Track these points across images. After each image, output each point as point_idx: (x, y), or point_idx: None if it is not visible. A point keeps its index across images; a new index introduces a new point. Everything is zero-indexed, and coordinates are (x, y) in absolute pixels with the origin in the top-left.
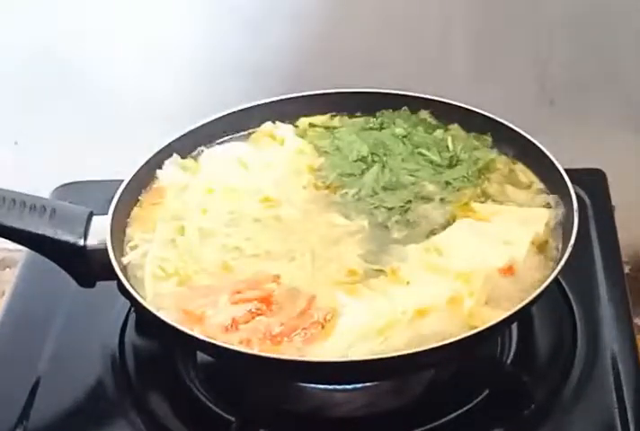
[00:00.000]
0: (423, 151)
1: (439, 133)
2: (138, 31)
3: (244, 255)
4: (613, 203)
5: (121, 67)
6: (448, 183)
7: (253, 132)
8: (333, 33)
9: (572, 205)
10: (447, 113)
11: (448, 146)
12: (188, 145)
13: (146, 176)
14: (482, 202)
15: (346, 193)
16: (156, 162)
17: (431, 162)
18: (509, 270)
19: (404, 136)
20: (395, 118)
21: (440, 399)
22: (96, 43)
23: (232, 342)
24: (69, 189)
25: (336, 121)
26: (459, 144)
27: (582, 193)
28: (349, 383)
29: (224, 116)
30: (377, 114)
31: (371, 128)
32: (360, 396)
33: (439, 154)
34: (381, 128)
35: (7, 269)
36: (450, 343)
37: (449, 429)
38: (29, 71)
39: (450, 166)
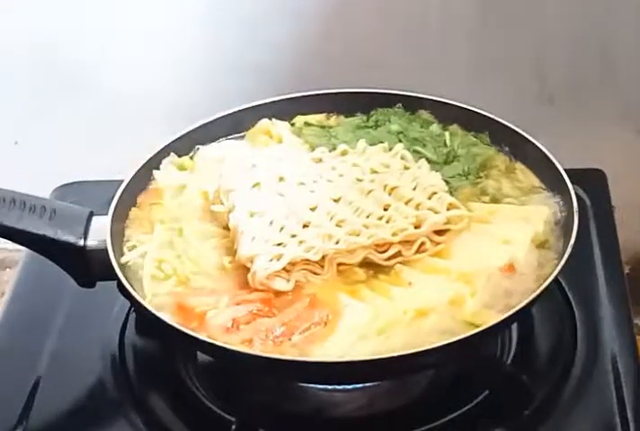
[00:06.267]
0: (419, 148)
1: (435, 128)
2: (138, 31)
3: None
4: (613, 203)
5: (121, 67)
6: (445, 181)
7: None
8: (333, 33)
9: (572, 205)
10: (446, 113)
11: (445, 142)
12: (187, 145)
13: (145, 176)
14: (480, 201)
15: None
16: (156, 162)
17: (427, 159)
18: (509, 269)
19: (400, 133)
20: (389, 116)
21: (440, 399)
22: (96, 43)
23: (233, 343)
24: (69, 189)
25: (332, 120)
26: (457, 139)
27: (582, 193)
28: (349, 383)
29: (223, 116)
30: (372, 112)
31: (366, 126)
32: (360, 396)
33: (435, 151)
34: (376, 126)
35: (7, 269)
36: (450, 343)
37: (449, 429)
38: (29, 71)
39: (447, 163)
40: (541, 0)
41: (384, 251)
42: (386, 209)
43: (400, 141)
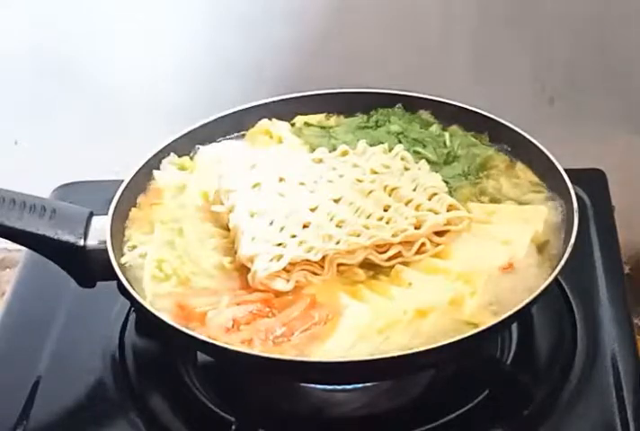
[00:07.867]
0: (419, 149)
1: (435, 128)
2: (138, 32)
3: None
4: (613, 203)
5: (121, 68)
6: (444, 182)
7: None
8: (333, 33)
9: (572, 205)
10: (446, 113)
11: (445, 142)
12: (187, 145)
13: (145, 176)
14: (480, 201)
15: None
16: (156, 162)
17: (427, 160)
18: (509, 269)
19: (400, 133)
20: (390, 116)
21: (440, 399)
22: (97, 44)
23: (233, 343)
24: (69, 189)
25: (332, 121)
26: (457, 139)
27: (582, 193)
28: (349, 383)
29: (223, 116)
30: (372, 112)
31: (366, 127)
32: (360, 396)
33: (434, 151)
34: (377, 127)
35: (7, 269)
36: (450, 343)
37: (449, 429)
38: (29, 71)
39: (447, 163)
40: (541, 0)
41: (384, 252)
42: (386, 210)
43: (400, 141)
